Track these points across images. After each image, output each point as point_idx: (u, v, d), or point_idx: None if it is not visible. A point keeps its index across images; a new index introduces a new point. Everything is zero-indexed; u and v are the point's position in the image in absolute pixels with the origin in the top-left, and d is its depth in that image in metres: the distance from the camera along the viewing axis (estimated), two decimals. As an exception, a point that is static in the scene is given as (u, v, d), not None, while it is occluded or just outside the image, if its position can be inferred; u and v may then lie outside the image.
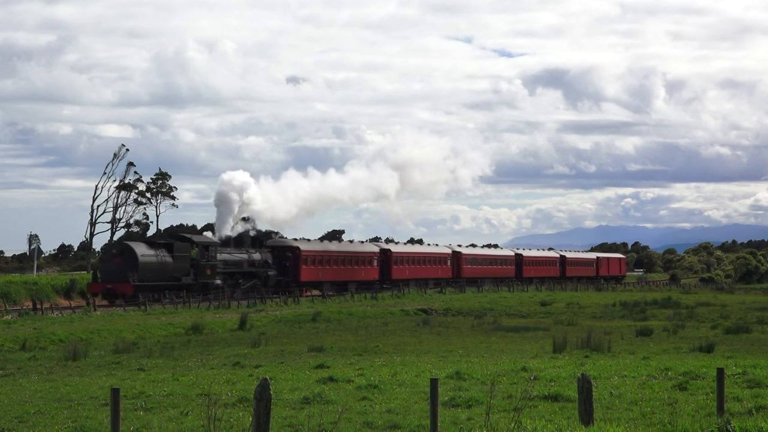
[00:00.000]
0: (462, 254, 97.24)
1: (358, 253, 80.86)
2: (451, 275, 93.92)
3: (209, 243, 64.16)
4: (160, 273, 59.39)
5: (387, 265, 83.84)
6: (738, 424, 14.69)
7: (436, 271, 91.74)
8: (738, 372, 22.73)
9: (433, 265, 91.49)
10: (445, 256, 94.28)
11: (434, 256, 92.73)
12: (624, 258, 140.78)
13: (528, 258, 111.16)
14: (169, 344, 35.97)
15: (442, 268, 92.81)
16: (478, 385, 20.97)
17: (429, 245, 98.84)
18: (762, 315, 51.90)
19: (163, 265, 59.66)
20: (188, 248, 62.04)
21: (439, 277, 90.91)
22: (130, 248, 58.54)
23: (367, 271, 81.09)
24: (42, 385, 23.08)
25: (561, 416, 16.42)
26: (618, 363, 26.10)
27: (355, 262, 79.59)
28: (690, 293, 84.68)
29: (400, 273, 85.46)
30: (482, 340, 36.96)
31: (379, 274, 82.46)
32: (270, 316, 50.93)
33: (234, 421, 16.49)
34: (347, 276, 78.15)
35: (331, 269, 76.43)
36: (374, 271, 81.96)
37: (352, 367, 25.96)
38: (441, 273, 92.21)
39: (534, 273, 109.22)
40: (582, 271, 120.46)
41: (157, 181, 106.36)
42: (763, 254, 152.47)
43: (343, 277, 77.70)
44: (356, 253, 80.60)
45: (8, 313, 47.98)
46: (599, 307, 62.61)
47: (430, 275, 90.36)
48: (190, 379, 23.54)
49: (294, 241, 74.53)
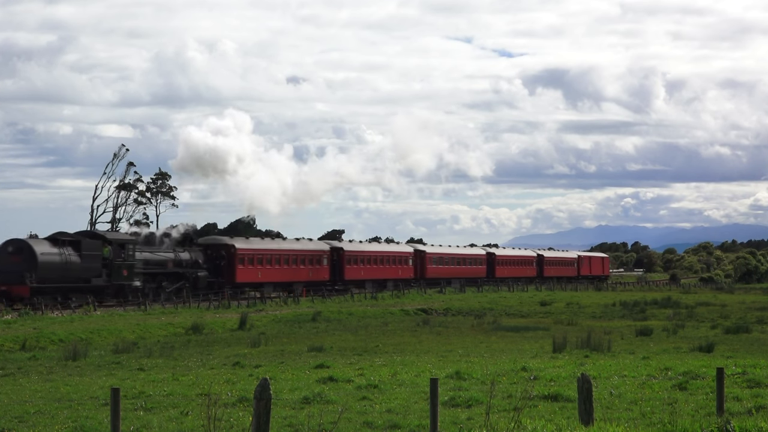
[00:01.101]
0: (426, 253, 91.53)
1: (305, 252, 75.05)
2: (414, 276, 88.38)
3: (126, 240, 58.66)
4: (64, 274, 53.48)
5: (339, 264, 78.27)
6: (738, 424, 14.69)
7: (395, 271, 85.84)
8: (738, 372, 22.73)
9: (392, 264, 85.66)
10: (406, 255, 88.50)
11: (394, 255, 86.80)
12: (607, 257, 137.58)
13: (501, 257, 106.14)
14: (169, 344, 35.96)
15: (402, 268, 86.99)
16: (478, 384, 20.97)
17: (389, 243, 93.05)
18: (762, 315, 51.91)
19: (67, 265, 53.72)
20: (99, 246, 56.32)
21: (398, 278, 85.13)
22: (28, 246, 52.72)
23: (315, 272, 75.53)
24: (42, 385, 23.07)
25: (561, 416, 16.42)
26: (618, 363, 26.10)
27: (301, 262, 74.01)
28: (690, 293, 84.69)
29: (353, 273, 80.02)
30: (482, 340, 36.96)
31: (329, 274, 77.11)
32: (270, 315, 50.93)
33: (234, 421, 16.49)
34: (292, 277, 72.64)
35: (273, 269, 70.88)
36: (324, 271, 76.58)
37: (352, 366, 25.96)
38: (401, 273, 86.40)
39: (508, 273, 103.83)
40: (561, 270, 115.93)
41: (157, 181, 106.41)
42: (762, 254, 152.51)
43: (287, 277, 72.16)
44: (302, 251, 74.78)
45: (8, 313, 47.97)
46: (599, 306, 62.61)
47: (389, 276, 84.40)
48: (190, 379, 23.54)
49: (229, 239, 70.04)
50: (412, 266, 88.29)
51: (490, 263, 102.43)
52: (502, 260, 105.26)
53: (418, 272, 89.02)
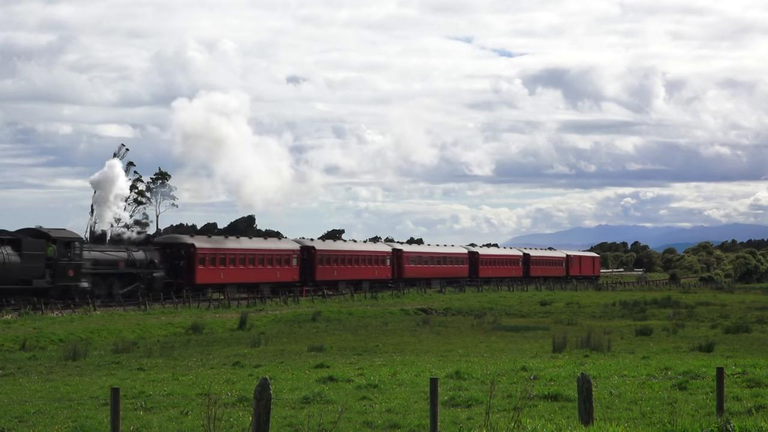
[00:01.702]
0: (403, 252, 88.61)
1: (273, 251, 71.84)
2: (391, 276, 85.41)
3: (72, 239, 54.61)
4: (2, 275, 50.04)
5: (310, 264, 75.35)
6: (738, 424, 14.69)
7: (371, 271, 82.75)
8: (738, 371, 22.74)
9: (368, 264, 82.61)
10: (383, 255, 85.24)
11: (369, 255, 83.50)
12: (598, 257, 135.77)
13: (484, 256, 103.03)
14: (169, 344, 35.97)
15: (378, 268, 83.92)
16: (477, 384, 20.97)
17: (365, 242, 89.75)
18: (762, 314, 51.94)
19: (5, 266, 50.09)
20: (43, 245, 52.58)
21: (375, 279, 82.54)
22: None
23: (284, 272, 72.43)
24: (42, 385, 23.08)
25: (561, 416, 16.41)
26: (618, 362, 26.11)
27: (268, 262, 70.81)
28: (690, 293, 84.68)
29: (325, 273, 77.09)
30: (482, 340, 36.97)
31: (299, 274, 74.03)
32: (270, 315, 50.93)
33: (234, 420, 16.49)
34: (258, 277, 69.53)
35: (236, 270, 67.60)
36: (293, 272, 73.47)
37: (352, 366, 25.97)
38: (378, 273, 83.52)
39: (492, 273, 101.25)
40: (549, 270, 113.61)
41: (157, 181, 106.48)
42: (762, 254, 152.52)
43: (253, 278, 69.14)
44: (269, 251, 71.61)
45: (8, 313, 47.95)
46: (599, 306, 62.62)
47: (365, 276, 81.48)
48: (190, 379, 23.54)
49: (189, 237, 66.51)
50: (389, 266, 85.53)
51: (472, 263, 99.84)
52: (486, 260, 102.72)
53: (395, 272, 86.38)
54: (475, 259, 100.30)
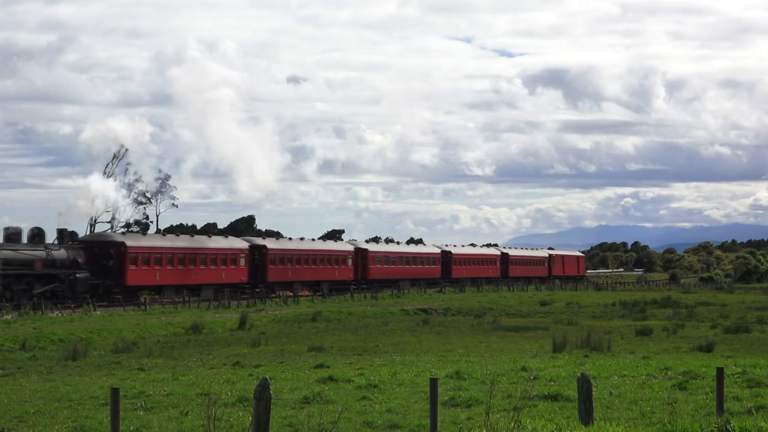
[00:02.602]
0: (368, 252, 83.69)
1: (217, 251, 66.94)
2: (354, 277, 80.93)
3: None
4: None
5: (262, 264, 70.85)
6: (738, 424, 14.69)
7: (331, 272, 78.16)
8: (738, 371, 22.74)
9: (327, 264, 77.88)
10: (344, 254, 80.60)
11: (330, 254, 78.70)
12: (582, 256, 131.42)
13: (458, 256, 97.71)
14: (169, 344, 35.98)
15: (340, 268, 79.28)
16: (477, 384, 20.97)
17: (326, 241, 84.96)
18: (762, 314, 51.93)
19: None
20: None
21: (335, 280, 78.12)
22: None
23: (231, 272, 67.75)
24: (42, 385, 23.08)
25: (561, 416, 16.41)
26: (618, 362, 26.11)
27: (212, 262, 65.98)
28: (690, 293, 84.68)
29: (278, 274, 72.30)
30: (482, 340, 36.98)
31: (248, 275, 69.42)
32: (270, 315, 50.95)
33: (234, 420, 16.49)
34: (202, 278, 65.06)
35: (174, 270, 62.73)
36: (241, 272, 68.88)
37: (352, 366, 25.97)
38: (339, 274, 78.93)
39: (466, 273, 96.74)
40: (530, 270, 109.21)
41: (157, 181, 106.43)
42: (762, 254, 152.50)
43: (195, 279, 64.46)
44: (214, 250, 66.66)
45: (8, 313, 47.96)
46: (599, 306, 62.64)
47: (324, 277, 76.97)
48: (190, 379, 23.55)
49: (119, 235, 61.84)
50: (351, 266, 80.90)
51: (445, 263, 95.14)
52: (460, 259, 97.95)
53: (359, 273, 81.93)
54: (448, 259, 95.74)
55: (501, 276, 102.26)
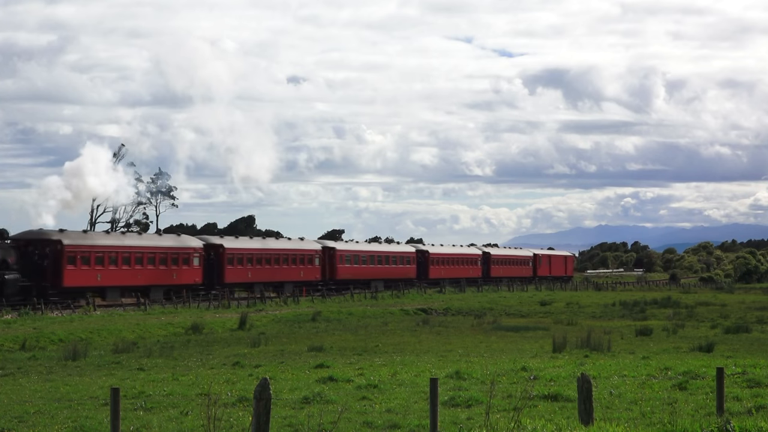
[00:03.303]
0: (336, 251, 79.87)
1: (167, 250, 62.78)
2: (321, 277, 77.23)
3: None
4: None
5: (219, 265, 67.11)
6: (738, 424, 14.69)
7: (295, 272, 74.42)
8: (738, 371, 22.74)
9: (291, 264, 74.17)
10: (310, 254, 76.71)
11: (294, 254, 74.80)
12: (570, 256, 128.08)
13: (435, 255, 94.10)
14: (169, 344, 35.98)
15: (305, 268, 75.41)
16: (477, 384, 20.98)
17: (290, 240, 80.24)
18: (762, 314, 51.93)
19: None
20: None
21: (301, 280, 74.42)
22: None
23: (183, 273, 63.60)
24: (42, 385, 23.08)
25: (561, 416, 16.42)
26: (618, 363, 26.11)
27: (161, 262, 61.95)
28: (690, 293, 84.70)
29: (236, 275, 68.47)
30: (482, 340, 36.98)
31: (203, 276, 65.34)
32: (270, 315, 50.97)
33: (234, 420, 16.49)
34: (150, 279, 60.93)
35: (119, 271, 58.76)
36: (195, 273, 64.82)
37: (352, 366, 25.98)
38: (304, 275, 75.17)
39: (445, 273, 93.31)
40: (513, 270, 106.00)
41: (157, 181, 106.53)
42: (762, 254, 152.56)
43: (141, 280, 60.34)
44: (163, 249, 62.47)
45: (8, 313, 47.98)
46: (599, 306, 62.65)
47: (287, 278, 73.31)
48: (189, 379, 23.55)
49: (55, 233, 56.54)
50: (318, 266, 77.24)
51: (421, 263, 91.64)
52: (438, 259, 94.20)
53: (327, 273, 78.28)
54: (425, 259, 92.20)
55: (482, 276, 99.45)
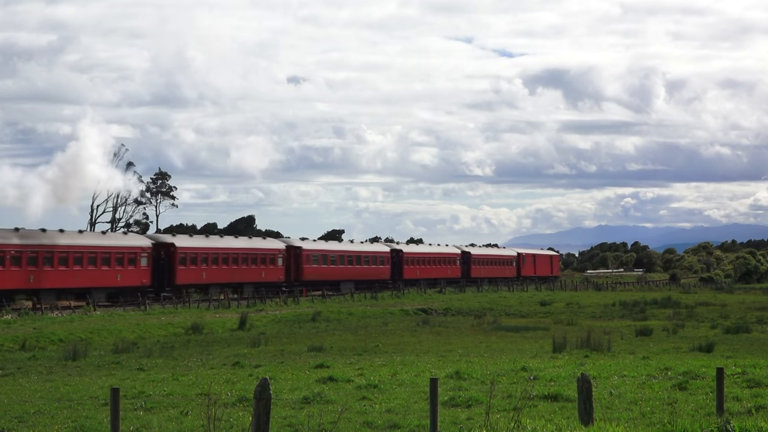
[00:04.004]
0: (302, 250, 75.74)
1: (112, 249, 58.62)
2: (285, 278, 73.52)
3: None
4: None
5: (170, 265, 63.01)
6: (737, 424, 14.69)
7: (256, 273, 70.35)
8: (738, 372, 22.74)
9: (253, 265, 70.15)
10: (273, 253, 72.79)
11: (255, 254, 70.79)
12: (556, 255, 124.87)
13: (410, 255, 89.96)
14: (169, 344, 35.98)
15: (267, 269, 71.47)
16: (477, 384, 20.98)
17: (251, 239, 76.04)
18: (761, 315, 51.92)
19: None
20: None
21: (262, 281, 70.57)
22: None
23: (128, 274, 59.53)
24: (42, 385, 23.09)
25: (561, 416, 16.42)
26: (618, 363, 26.11)
27: (105, 262, 57.85)
28: (690, 293, 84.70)
29: (190, 276, 64.48)
30: (482, 340, 36.97)
31: (151, 277, 61.39)
32: (270, 315, 50.97)
33: (234, 420, 16.49)
34: (92, 281, 57.09)
35: (55, 272, 54.99)
36: (142, 274, 60.78)
37: (352, 366, 25.98)
38: (266, 275, 71.19)
39: (421, 274, 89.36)
40: (495, 270, 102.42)
41: (157, 181, 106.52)
42: (762, 254, 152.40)
43: (81, 282, 56.58)
44: (104, 248, 58.25)
45: (8, 313, 47.98)
46: (599, 306, 62.64)
47: (247, 278, 69.45)
48: (189, 379, 23.55)
49: None
50: (282, 266, 73.34)
51: (396, 263, 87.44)
52: (413, 259, 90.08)
53: (292, 273, 74.61)
54: (399, 258, 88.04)
55: (462, 277, 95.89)
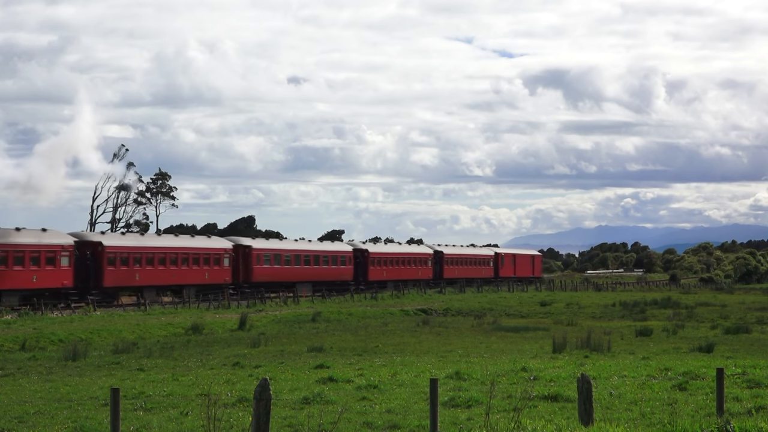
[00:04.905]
0: (252, 249, 70.50)
1: (27, 248, 53.68)
2: (233, 279, 68.11)
3: None
4: None
5: (97, 265, 57.83)
6: (737, 424, 14.69)
7: (199, 274, 65.04)
8: (737, 372, 22.74)
9: (194, 265, 64.73)
10: (218, 253, 67.38)
11: (196, 253, 65.28)
12: (539, 255, 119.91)
13: (376, 255, 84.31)
14: (169, 344, 35.98)
15: (212, 269, 65.98)
16: (477, 385, 20.97)
17: (194, 237, 70.26)
18: (761, 315, 51.93)
19: None
20: None
21: (206, 283, 65.14)
22: None
23: (47, 275, 54.52)
24: (42, 385, 23.09)
25: (561, 416, 16.42)
26: (618, 363, 26.11)
27: (18, 262, 53.10)
28: (690, 293, 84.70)
29: (121, 277, 59.36)
30: (482, 340, 36.97)
31: (74, 278, 56.17)
32: (270, 316, 50.96)
33: (234, 421, 16.49)
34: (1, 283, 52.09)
35: None
36: (64, 275, 55.55)
37: (352, 367, 25.97)
38: (210, 276, 65.85)
39: (388, 275, 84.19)
40: (470, 271, 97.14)
41: (157, 181, 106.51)
42: (762, 254, 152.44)
43: None
44: (21, 247, 53.53)
45: (8, 313, 47.98)
46: (599, 307, 62.63)
47: (189, 280, 64.16)
48: (189, 379, 23.55)
49: None
50: (229, 267, 67.94)
51: (360, 263, 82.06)
52: (379, 259, 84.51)
53: (240, 274, 69.24)
54: (364, 259, 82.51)
55: (433, 278, 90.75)
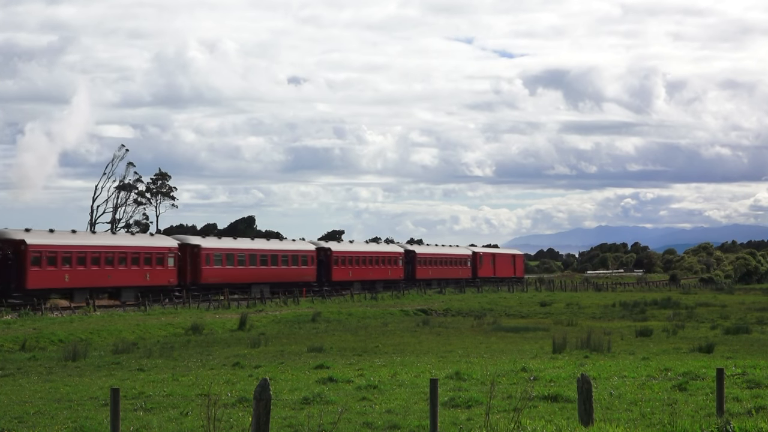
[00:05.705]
0: (201, 249, 65.70)
1: None
2: (178, 280, 63.93)
3: None
4: None
5: (19, 266, 53.22)
6: (737, 425, 14.69)
7: (140, 275, 60.78)
8: (738, 372, 22.74)
9: (134, 266, 60.55)
10: (162, 253, 62.80)
11: (136, 253, 61.00)
12: (520, 255, 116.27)
13: (340, 254, 79.83)
14: (169, 344, 35.98)
15: (153, 270, 61.58)
16: (477, 385, 20.97)
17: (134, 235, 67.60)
18: (761, 315, 51.93)
19: None
20: None
21: (148, 285, 61.05)
22: None
23: None
24: (42, 386, 23.09)
25: (561, 416, 16.41)
26: (618, 363, 26.10)
27: None
28: (690, 294, 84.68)
29: (48, 279, 54.76)
30: (482, 341, 36.97)
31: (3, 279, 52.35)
32: (270, 316, 50.95)
33: (234, 421, 16.49)
34: None
35: None
36: None
37: (352, 367, 25.97)
38: (152, 277, 61.51)
39: (354, 275, 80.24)
40: (446, 271, 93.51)
41: (157, 182, 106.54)
42: (762, 255, 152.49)
43: None
44: None
45: (8, 313, 47.97)
46: (599, 307, 62.63)
47: (128, 282, 60.08)
48: (189, 380, 23.55)
49: None
50: (174, 267, 63.44)
51: (323, 263, 77.74)
52: (344, 258, 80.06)
53: (187, 275, 64.85)
54: (327, 258, 78.25)
55: (405, 278, 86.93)
